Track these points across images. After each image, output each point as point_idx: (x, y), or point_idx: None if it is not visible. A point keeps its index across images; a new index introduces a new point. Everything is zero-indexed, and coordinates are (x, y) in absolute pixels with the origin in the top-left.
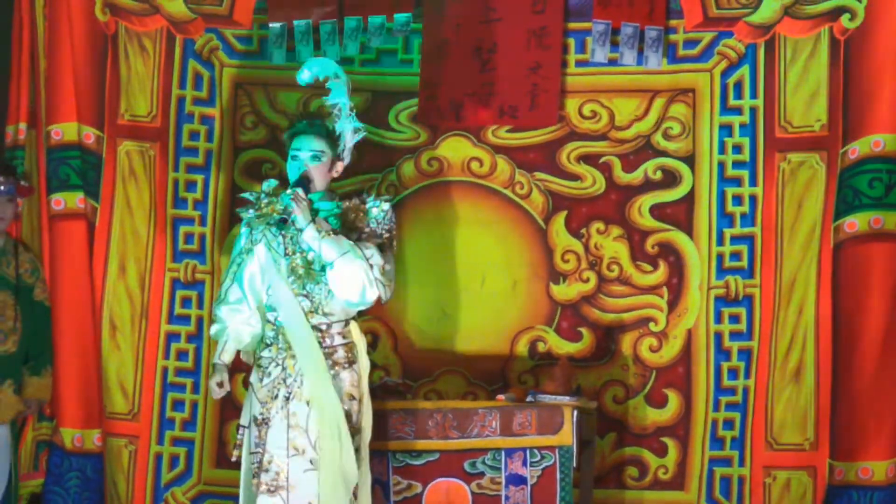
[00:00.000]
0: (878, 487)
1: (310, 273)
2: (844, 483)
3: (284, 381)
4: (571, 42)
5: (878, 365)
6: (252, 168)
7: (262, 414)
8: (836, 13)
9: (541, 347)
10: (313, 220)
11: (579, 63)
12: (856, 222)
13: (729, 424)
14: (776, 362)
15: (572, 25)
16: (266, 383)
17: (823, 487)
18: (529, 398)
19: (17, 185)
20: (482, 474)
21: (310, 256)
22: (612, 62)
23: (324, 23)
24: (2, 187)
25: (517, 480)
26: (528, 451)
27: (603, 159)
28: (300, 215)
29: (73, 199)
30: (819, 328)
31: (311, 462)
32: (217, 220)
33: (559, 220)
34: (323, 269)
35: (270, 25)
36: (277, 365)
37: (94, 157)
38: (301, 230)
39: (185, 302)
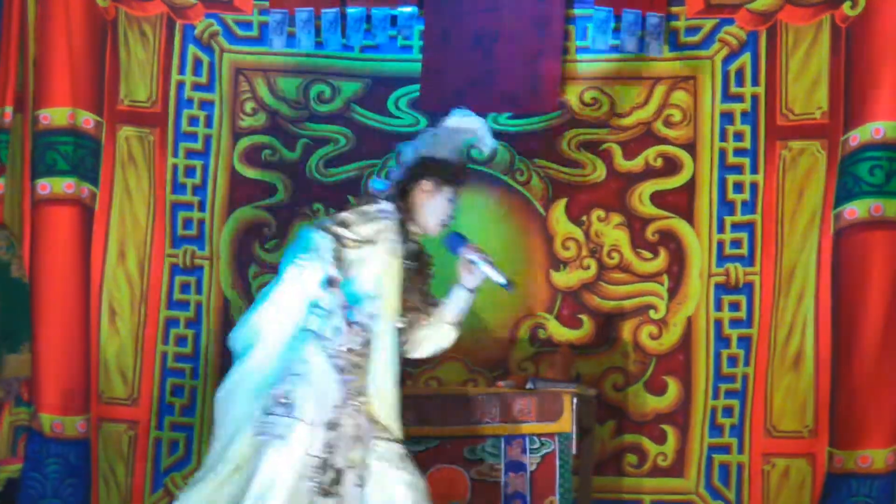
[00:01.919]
0: (877, 475)
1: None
2: (844, 471)
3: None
4: (572, 29)
5: (878, 353)
6: (251, 154)
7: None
8: (837, 0)
9: (541, 334)
10: None
11: (580, 50)
12: (856, 209)
13: (728, 412)
14: (776, 350)
15: (573, 12)
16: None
17: (822, 475)
18: (529, 385)
19: None
20: (481, 461)
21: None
22: (614, 49)
23: (326, 12)
24: None
25: (516, 467)
26: (527, 438)
27: (604, 146)
28: (487, 274)
29: (59, 185)
30: (819, 315)
31: (359, 478)
32: (216, 206)
33: (559, 207)
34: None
35: (271, 13)
36: (360, 368)
37: (93, 142)
38: (470, 290)
39: (184, 287)
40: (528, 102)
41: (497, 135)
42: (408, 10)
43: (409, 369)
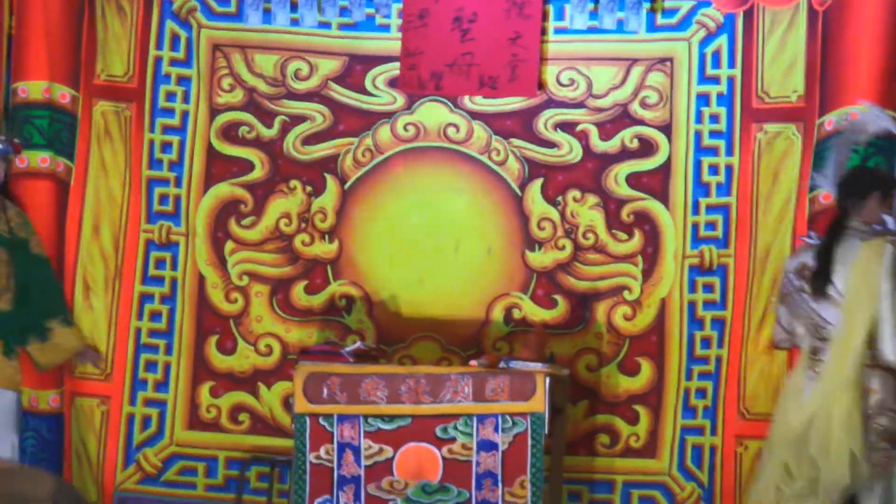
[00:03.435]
0: None
1: None
2: None
3: None
4: (550, 9)
5: None
6: (229, 130)
7: None
8: None
9: (516, 314)
10: None
11: (558, 30)
12: (831, 193)
13: (701, 394)
14: (749, 333)
15: None
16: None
17: None
18: (502, 365)
19: (12, 143)
20: (453, 440)
21: None
22: (592, 30)
23: None
24: (1, 147)
25: (488, 446)
26: (499, 417)
27: (580, 127)
28: None
29: (35, 158)
30: None
31: None
32: (193, 182)
33: (535, 187)
34: None
35: None
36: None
37: (69, 116)
38: None
39: (159, 263)
40: (508, 88)
41: (473, 114)
42: None
43: (384, 347)
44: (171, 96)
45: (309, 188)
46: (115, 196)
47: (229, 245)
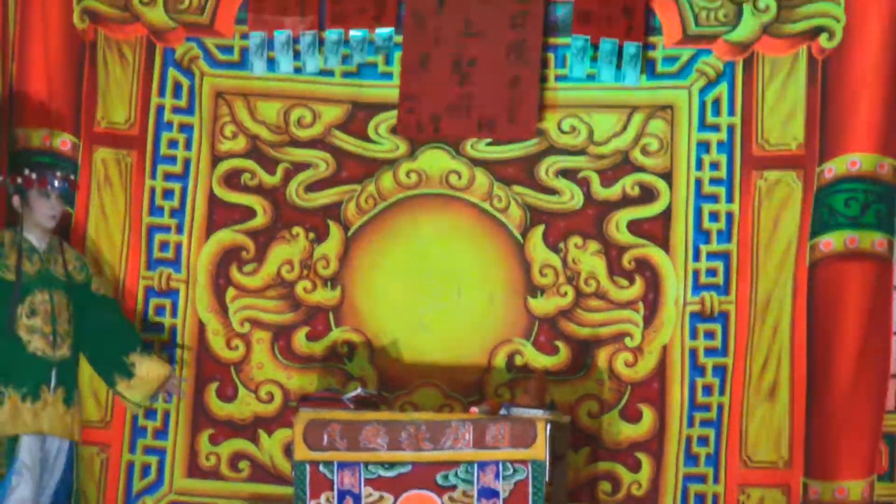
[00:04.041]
0: None
1: None
2: (820, 503)
3: None
4: (551, 57)
5: (852, 383)
6: (231, 177)
7: None
8: (814, 33)
9: (518, 360)
10: None
11: (559, 78)
12: (831, 241)
13: (703, 441)
14: (751, 380)
15: (553, 41)
16: None
17: None
18: (503, 411)
19: (68, 180)
20: (454, 487)
21: None
22: (591, 78)
23: (304, 34)
24: (56, 183)
25: (489, 493)
26: (500, 465)
27: (581, 174)
28: None
29: None
30: (794, 346)
31: None
32: (194, 229)
33: (537, 234)
34: None
35: (251, 35)
36: None
37: (69, 163)
38: None
39: (159, 310)
40: (506, 130)
41: (474, 161)
42: (385, 31)
43: (386, 393)
44: (172, 143)
45: (311, 235)
46: (114, 242)
47: (231, 292)
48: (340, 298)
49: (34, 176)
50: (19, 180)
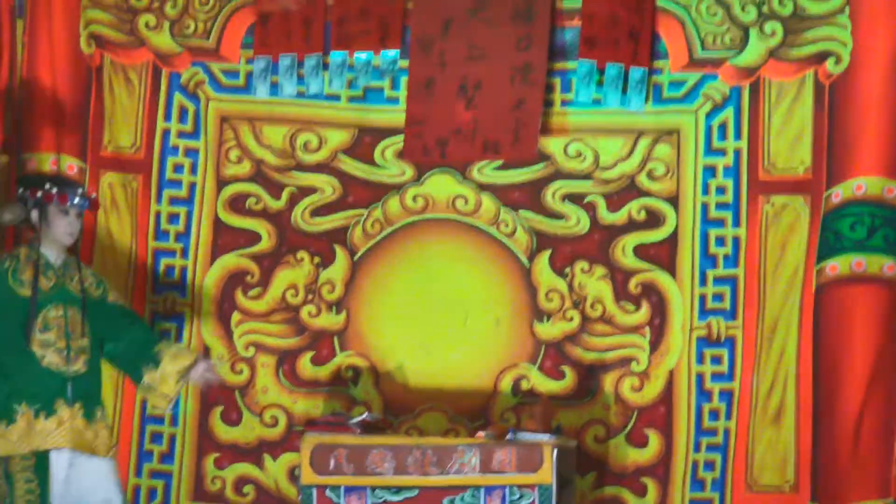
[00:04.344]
0: None
1: None
2: None
3: None
4: (557, 82)
5: (859, 408)
6: (236, 202)
7: None
8: (821, 57)
9: (524, 385)
10: None
11: (565, 103)
12: (837, 265)
13: (710, 466)
14: (757, 404)
15: (559, 65)
16: None
17: None
18: (510, 436)
19: (90, 199)
20: None
21: None
22: (598, 103)
23: (308, 57)
24: (77, 200)
25: None
26: (507, 489)
27: (587, 199)
28: None
29: None
30: (800, 370)
31: None
32: (199, 254)
33: (543, 258)
34: None
35: (255, 59)
36: None
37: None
38: None
39: (164, 334)
40: (510, 151)
41: (481, 186)
42: (390, 53)
43: (391, 418)
44: (178, 168)
45: (317, 259)
46: (120, 267)
47: (235, 316)
48: (345, 323)
49: (54, 191)
50: (39, 194)
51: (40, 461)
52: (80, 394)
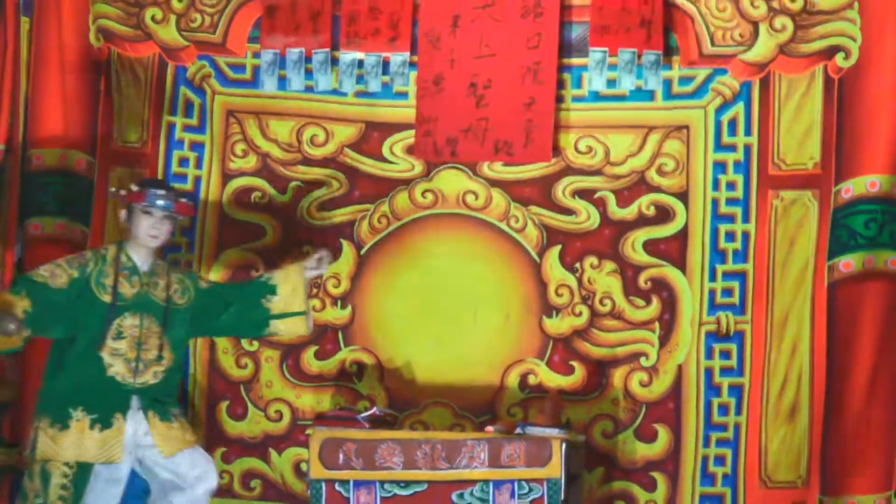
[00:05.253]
0: None
1: None
2: None
3: None
4: (567, 78)
5: (865, 402)
6: (241, 196)
7: None
8: (830, 52)
9: (532, 380)
10: None
11: (575, 98)
12: (851, 262)
13: (720, 461)
14: (769, 401)
15: (568, 61)
16: None
17: None
18: (518, 430)
19: (175, 202)
20: None
21: None
22: (609, 98)
23: (317, 52)
24: (160, 202)
25: None
26: (516, 483)
27: (598, 194)
28: None
29: (50, 224)
30: (814, 368)
31: None
32: (205, 248)
33: (553, 254)
34: None
35: (262, 52)
36: None
37: (85, 182)
38: None
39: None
40: (522, 154)
41: (491, 182)
42: (400, 56)
43: (395, 413)
44: (183, 161)
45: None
46: None
47: None
48: (351, 318)
49: (135, 189)
50: (123, 193)
51: (82, 471)
52: (150, 403)
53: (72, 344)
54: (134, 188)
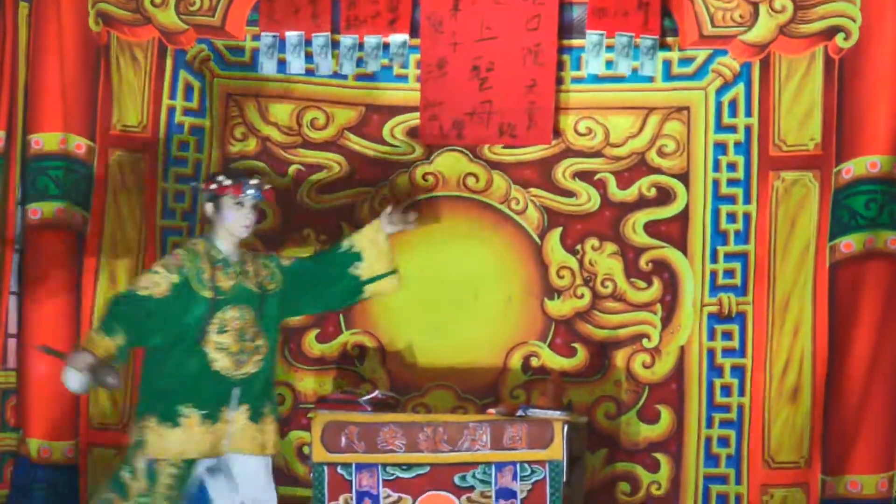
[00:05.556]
0: (868, 501)
1: None
2: (835, 497)
3: None
4: (567, 59)
5: (867, 382)
6: None
7: None
8: (830, 32)
9: (534, 362)
10: None
11: (575, 80)
12: (852, 243)
13: (724, 442)
14: (772, 381)
15: (567, 42)
16: None
17: (816, 503)
18: (520, 413)
19: (263, 190)
20: (472, 488)
21: None
22: (608, 79)
23: (317, 35)
24: (251, 192)
25: (507, 494)
26: (518, 466)
27: (598, 176)
28: None
29: (50, 209)
30: (816, 348)
31: None
32: (205, 231)
33: (554, 236)
34: None
35: (262, 36)
36: None
37: (85, 167)
38: None
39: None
40: (526, 136)
41: (492, 164)
42: (400, 37)
43: (397, 396)
44: (183, 145)
45: (323, 236)
46: (131, 246)
47: None
48: None
49: (227, 182)
50: (213, 187)
51: (188, 467)
52: (249, 396)
53: (173, 343)
54: (225, 181)
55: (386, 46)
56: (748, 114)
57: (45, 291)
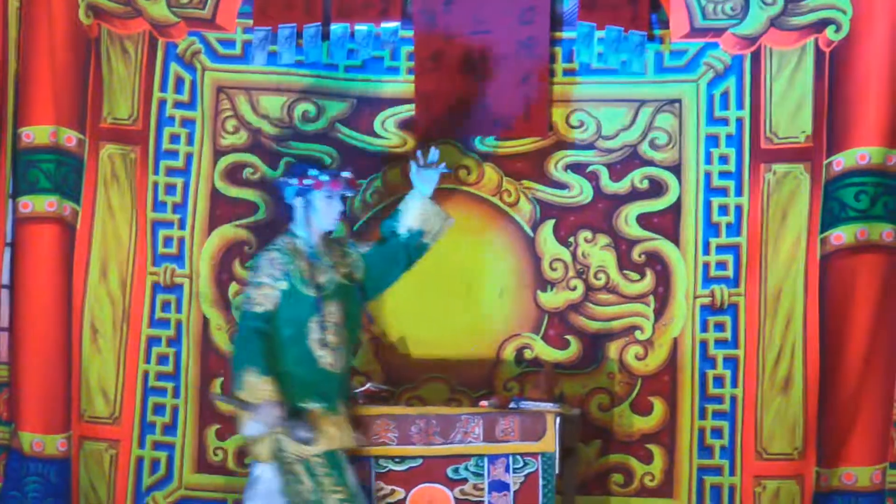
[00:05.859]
0: (862, 493)
1: None
2: (829, 489)
3: None
4: (559, 51)
5: (861, 373)
6: (233, 172)
7: None
8: (821, 25)
9: (527, 355)
10: None
11: (567, 72)
12: (843, 235)
13: (717, 433)
14: (764, 373)
15: (559, 35)
16: None
17: (810, 495)
18: (513, 405)
19: (348, 181)
20: (465, 480)
21: None
22: (600, 71)
23: (308, 27)
24: (344, 184)
25: (500, 486)
26: (510, 458)
27: (590, 168)
28: None
29: (41, 203)
30: (807, 340)
31: None
32: (197, 224)
33: (547, 228)
34: None
35: (255, 29)
36: None
37: (76, 160)
38: None
39: (165, 306)
40: (522, 128)
41: (484, 156)
42: (391, 25)
43: (391, 388)
44: (174, 138)
45: None
46: (122, 239)
47: (233, 287)
48: None
49: (326, 178)
50: (308, 182)
51: (332, 459)
52: (345, 392)
53: (282, 346)
54: (322, 176)
55: (377, 39)
56: (739, 106)
57: (36, 285)
